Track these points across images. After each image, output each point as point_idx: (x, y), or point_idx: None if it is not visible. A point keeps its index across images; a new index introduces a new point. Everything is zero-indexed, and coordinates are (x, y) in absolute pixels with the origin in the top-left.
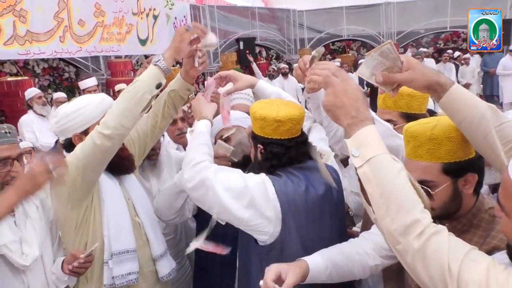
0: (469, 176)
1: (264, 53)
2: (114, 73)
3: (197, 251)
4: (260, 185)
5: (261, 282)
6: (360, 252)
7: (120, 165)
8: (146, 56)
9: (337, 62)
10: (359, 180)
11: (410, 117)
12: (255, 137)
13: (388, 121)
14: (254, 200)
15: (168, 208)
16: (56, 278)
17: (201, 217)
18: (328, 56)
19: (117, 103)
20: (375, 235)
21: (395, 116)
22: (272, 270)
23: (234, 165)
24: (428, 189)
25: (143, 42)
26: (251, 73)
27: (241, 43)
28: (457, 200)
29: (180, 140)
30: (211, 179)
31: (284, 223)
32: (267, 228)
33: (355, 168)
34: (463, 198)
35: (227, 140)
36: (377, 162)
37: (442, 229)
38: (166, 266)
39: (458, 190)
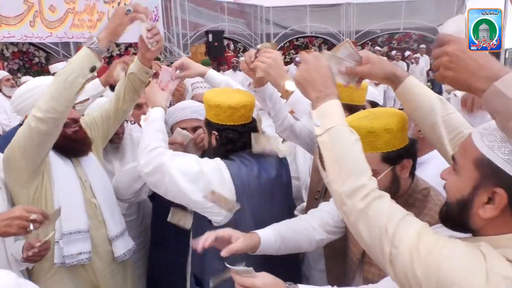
0: (405, 162)
1: (232, 46)
2: None
3: (152, 226)
4: (216, 169)
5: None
6: (307, 227)
7: (71, 147)
8: (117, 45)
9: (299, 58)
10: (318, 147)
11: (351, 108)
12: (209, 124)
13: None
14: (210, 184)
15: (127, 188)
16: (15, 260)
17: (157, 198)
18: (292, 51)
19: (49, 86)
20: (321, 212)
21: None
22: (224, 231)
23: None
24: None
25: None
26: (219, 64)
27: (210, 36)
28: (396, 184)
29: None
30: (167, 164)
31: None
32: (222, 210)
33: (316, 136)
34: (401, 181)
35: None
36: (336, 131)
37: (385, 195)
38: (122, 247)
39: (396, 175)
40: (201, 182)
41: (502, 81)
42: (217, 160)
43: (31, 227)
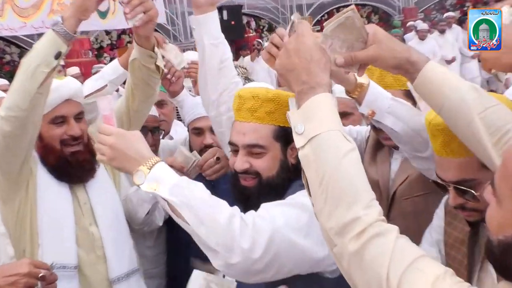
0: None
1: (253, 24)
2: (68, 54)
3: (168, 258)
4: None
5: None
6: None
7: (65, 171)
8: (107, 32)
9: None
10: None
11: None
12: (282, 131)
13: None
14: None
15: (132, 218)
16: None
17: (173, 225)
18: None
19: (13, 81)
20: None
21: (399, 96)
22: None
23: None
24: (471, 190)
25: (102, 14)
26: (239, 48)
27: (225, 13)
28: None
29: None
30: (274, 229)
31: None
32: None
33: (298, 149)
34: None
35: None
36: (322, 141)
37: (390, 229)
38: None
39: None
40: (315, 229)
41: None
42: (303, 191)
43: (39, 285)
